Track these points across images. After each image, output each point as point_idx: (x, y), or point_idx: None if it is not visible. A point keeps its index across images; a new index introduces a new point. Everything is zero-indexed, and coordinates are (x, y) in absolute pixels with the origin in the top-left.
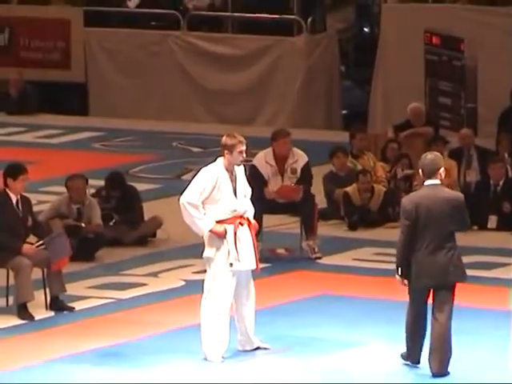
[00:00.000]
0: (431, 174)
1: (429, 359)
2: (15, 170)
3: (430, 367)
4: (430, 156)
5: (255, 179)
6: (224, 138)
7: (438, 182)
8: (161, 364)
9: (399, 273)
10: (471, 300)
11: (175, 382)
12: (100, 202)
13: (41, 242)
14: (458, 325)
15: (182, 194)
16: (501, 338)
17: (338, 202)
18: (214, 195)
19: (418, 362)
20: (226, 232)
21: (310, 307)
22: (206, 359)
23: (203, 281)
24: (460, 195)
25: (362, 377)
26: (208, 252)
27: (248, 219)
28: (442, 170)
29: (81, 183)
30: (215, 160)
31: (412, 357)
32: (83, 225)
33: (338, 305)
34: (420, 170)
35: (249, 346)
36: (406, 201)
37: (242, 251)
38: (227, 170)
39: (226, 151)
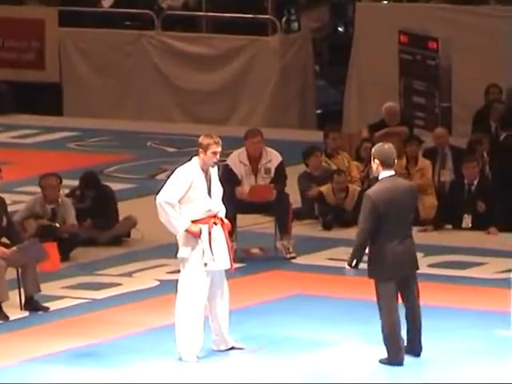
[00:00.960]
0: (391, 164)
1: (410, 342)
2: None
3: (413, 350)
4: (387, 146)
5: (228, 179)
6: (201, 138)
7: (393, 172)
8: (135, 364)
9: (353, 264)
10: (446, 299)
11: (150, 382)
12: (74, 202)
13: (14, 248)
14: (431, 323)
15: (157, 193)
16: (475, 338)
17: (313, 199)
18: (190, 195)
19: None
20: (201, 232)
21: (284, 307)
22: (180, 359)
23: (177, 281)
24: (413, 184)
25: (337, 376)
26: (183, 252)
27: (221, 219)
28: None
29: (54, 181)
30: (190, 159)
31: (399, 357)
32: (58, 225)
33: (313, 304)
34: (377, 162)
35: (223, 346)
36: (373, 195)
37: (217, 251)
38: (202, 169)
39: (200, 150)
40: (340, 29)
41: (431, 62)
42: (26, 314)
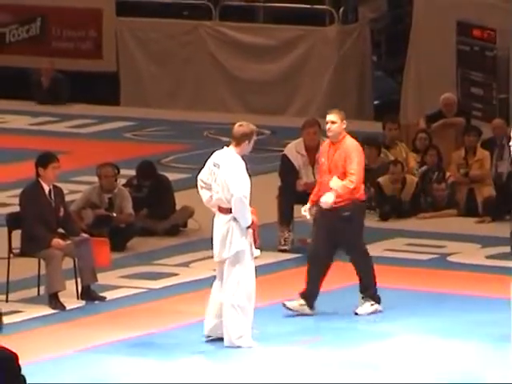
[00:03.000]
0: None
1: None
2: (45, 159)
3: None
4: None
5: (286, 169)
6: (244, 127)
7: None
8: (193, 354)
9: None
10: (505, 291)
11: (206, 372)
12: (131, 192)
13: (69, 242)
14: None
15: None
16: None
17: (370, 199)
18: None
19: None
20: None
21: (339, 297)
22: (239, 347)
23: None
24: None
25: (392, 368)
26: (241, 245)
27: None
28: None
29: (111, 171)
30: (223, 148)
31: None
32: (114, 214)
33: None
34: None
35: (220, 332)
36: None
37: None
38: (242, 159)
39: (246, 140)
40: (398, 19)
41: (489, 53)
42: (83, 303)
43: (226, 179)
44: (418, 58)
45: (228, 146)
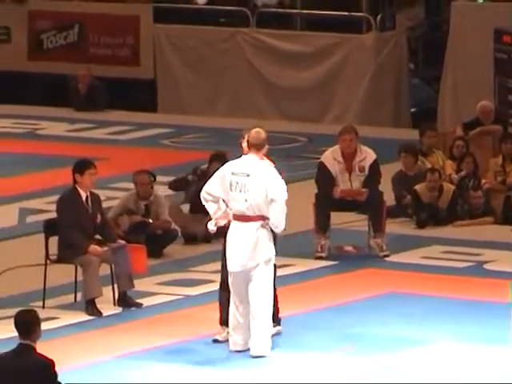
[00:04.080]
0: None
1: None
2: (82, 165)
3: None
4: None
5: (323, 176)
6: (262, 132)
7: None
8: (229, 362)
9: None
10: None
11: (247, 383)
12: (195, 180)
13: (106, 249)
14: None
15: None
16: None
17: (407, 206)
18: None
19: None
20: None
21: (377, 305)
22: (269, 356)
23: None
24: None
25: (430, 376)
26: (271, 251)
27: None
28: None
29: (146, 178)
30: (240, 157)
31: None
32: (150, 221)
33: (406, 303)
34: None
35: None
36: None
37: None
38: None
39: (266, 145)
40: (435, 27)
41: None
42: (120, 310)
43: (265, 186)
44: (455, 65)
45: (246, 154)
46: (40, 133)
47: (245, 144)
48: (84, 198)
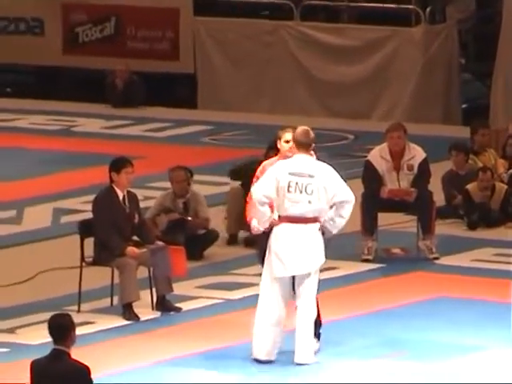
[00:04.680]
0: None
1: None
2: (118, 163)
3: None
4: None
5: (370, 176)
6: (310, 131)
7: None
8: (272, 369)
9: None
10: None
11: None
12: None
13: (144, 250)
14: None
15: None
16: None
17: (458, 206)
18: None
19: None
20: None
21: (426, 310)
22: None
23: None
24: None
25: (483, 382)
26: (324, 255)
27: None
28: None
29: (182, 175)
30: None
31: None
32: (189, 218)
33: (456, 307)
34: None
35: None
36: None
37: None
38: None
39: (313, 143)
40: (487, 20)
41: None
42: (158, 314)
43: (332, 187)
44: (508, 59)
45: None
46: (75, 130)
47: (288, 144)
48: (121, 198)
